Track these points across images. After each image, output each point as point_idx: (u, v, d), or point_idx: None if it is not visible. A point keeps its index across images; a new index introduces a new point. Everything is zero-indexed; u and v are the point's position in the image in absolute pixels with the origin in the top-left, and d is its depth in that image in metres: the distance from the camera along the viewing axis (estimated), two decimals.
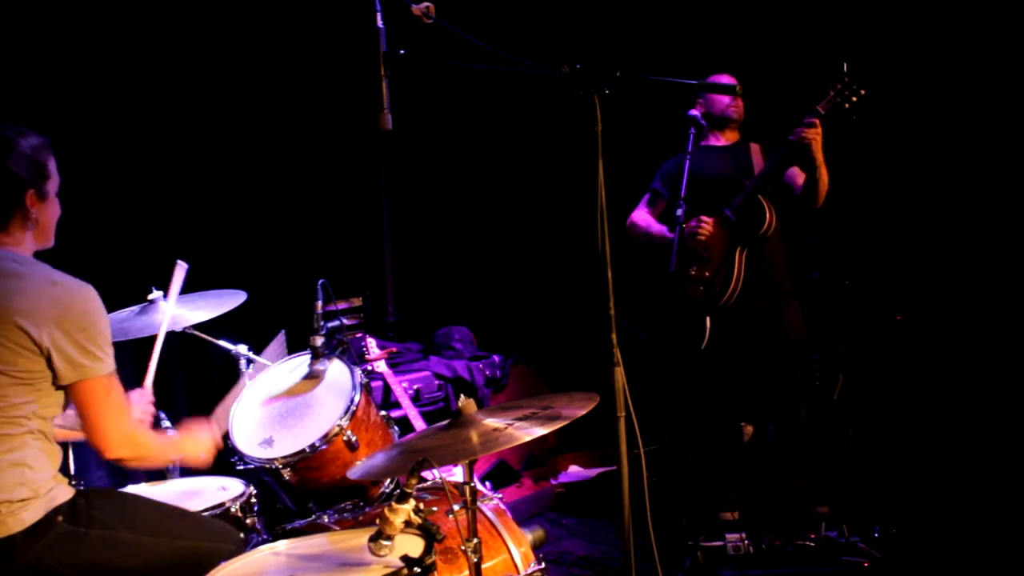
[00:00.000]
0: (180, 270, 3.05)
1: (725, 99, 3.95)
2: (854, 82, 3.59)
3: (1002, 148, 4.47)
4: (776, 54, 4.77)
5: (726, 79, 3.89)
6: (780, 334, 3.87)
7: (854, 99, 3.60)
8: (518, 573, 2.50)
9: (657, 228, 4.02)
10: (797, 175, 3.90)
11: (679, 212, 3.58)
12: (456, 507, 2.21)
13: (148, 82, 4.23)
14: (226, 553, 2.33)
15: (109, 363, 2.25)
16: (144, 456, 2.36)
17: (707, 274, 3.83)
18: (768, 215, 3.78)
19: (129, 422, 2.32)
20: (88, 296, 2.22)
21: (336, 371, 3.06)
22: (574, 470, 5.09)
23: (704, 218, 3.82)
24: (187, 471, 3.34)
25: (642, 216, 4.14)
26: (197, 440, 2.59)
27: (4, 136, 2.22)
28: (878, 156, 4.69)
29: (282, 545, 2.22)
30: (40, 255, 2.33)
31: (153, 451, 2.40)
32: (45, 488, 2.19)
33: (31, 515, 2.15)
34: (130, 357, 4.11)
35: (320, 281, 3.12)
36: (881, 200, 4.65)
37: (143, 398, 2.84)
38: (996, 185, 4.49)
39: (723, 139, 4.05)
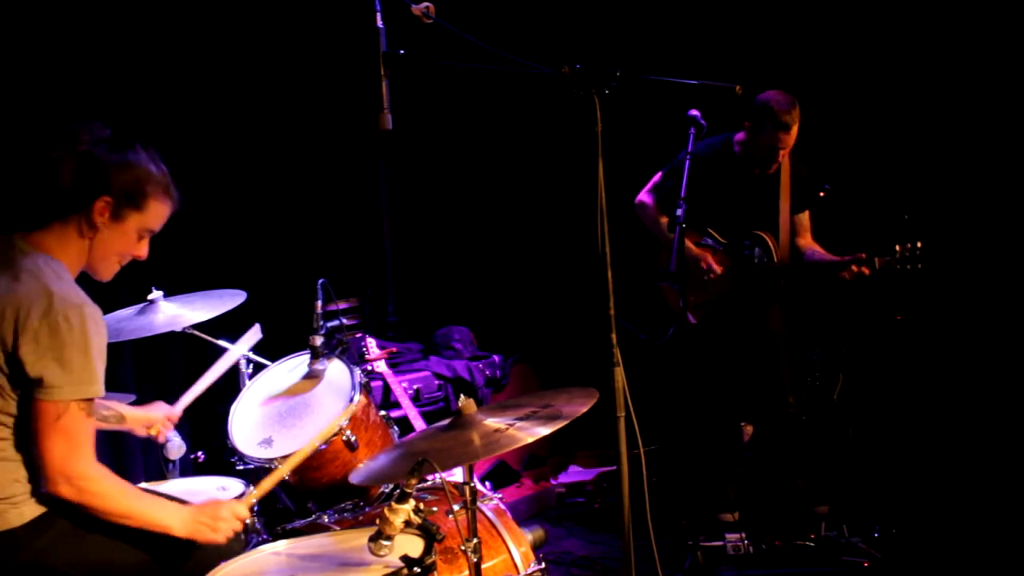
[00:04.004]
0: (254, 332, 3.20)
1: (772, 136, 3.81)
2: (921, 256, 3.63)
3: (1001, 148, 4.46)
4: (777, 51, 4.76)
5: (777, 96, 3.81)
6: (763, 331, 4.00)
7: (908, 267, 3.66)
8: (518, 573, 2.50)
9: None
10: (804, 220, 4.07)
11: (679, 212, 3.56)
12: (456, 507, 2.21)
13: (149, 82, 4.22)
14: (226, 549, 2.32)
15: (73, 390, 2.05)
16: (92, 504, 2.09)
17: (692, 300, 3.94)
18: (780, 285, 3.97)
19: (81, 460, 2.07)
20: (82, 314, 2.08)
21: (336, 371, 3.06)
22: (574, 470, 5.09)
23: (715, 265, 3.90)
24: (187, 471, 3.35)
25: (654, 205, 4.11)
26: (184, 516, 2.23)
27: (134, 144, 2.36)
28: (876, 154, 4.69)
29: (282, 545, 2.22)
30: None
31: (107, 503, 2.11)
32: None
33: (30, 510, 2.14)
34: (128, 357, 4.11)
35: (320, 281, 3.12)
36: (881, 200, 4.64)
37: (160, 411, 2.86)
38: (996, 185, 4.48)
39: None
